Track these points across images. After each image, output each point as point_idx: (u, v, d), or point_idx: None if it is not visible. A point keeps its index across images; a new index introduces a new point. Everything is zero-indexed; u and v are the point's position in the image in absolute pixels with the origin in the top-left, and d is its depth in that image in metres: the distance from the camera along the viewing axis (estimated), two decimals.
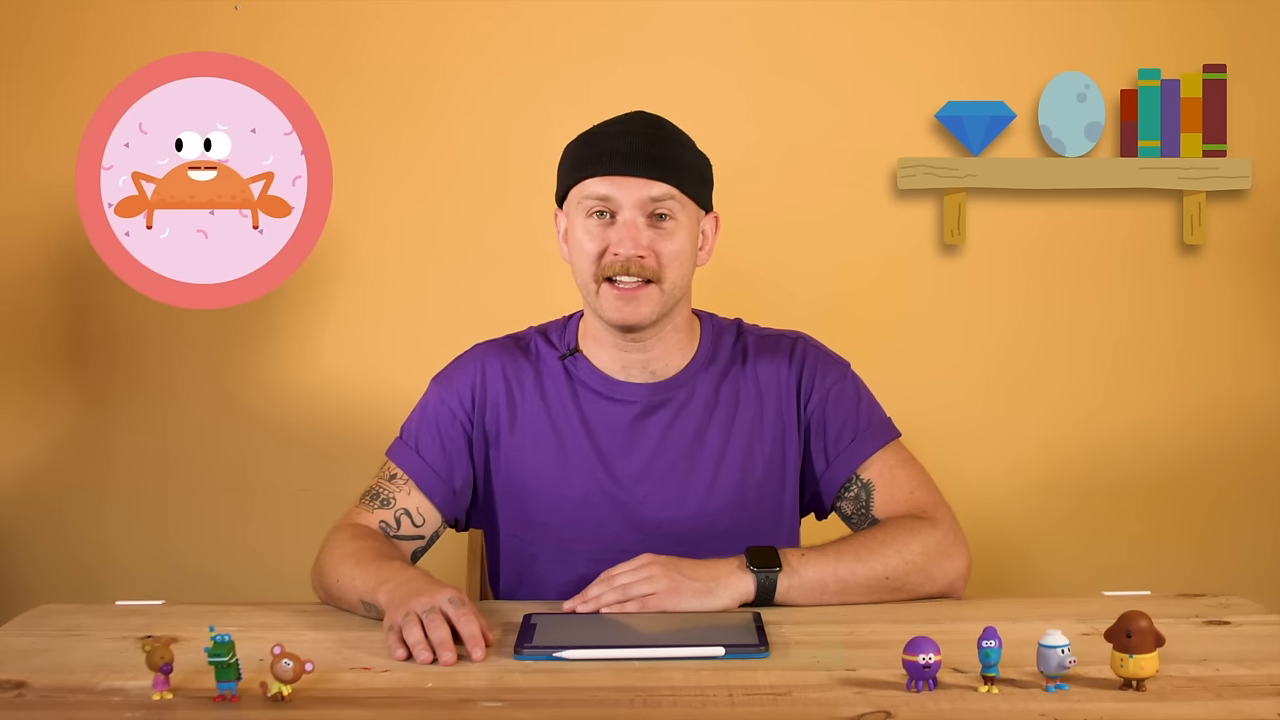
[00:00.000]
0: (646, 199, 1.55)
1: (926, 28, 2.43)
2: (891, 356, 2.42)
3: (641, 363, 1.64)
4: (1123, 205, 2.43)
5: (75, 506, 2.49)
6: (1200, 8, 2.42)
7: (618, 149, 1.56)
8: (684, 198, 1.58)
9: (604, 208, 1.56)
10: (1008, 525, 2.47)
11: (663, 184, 1.56)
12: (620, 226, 1.56)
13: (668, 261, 1.57)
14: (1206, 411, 2.47)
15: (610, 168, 1.56)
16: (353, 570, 1.48)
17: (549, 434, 1.64)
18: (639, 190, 1.55)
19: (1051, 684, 1.16)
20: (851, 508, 1.65)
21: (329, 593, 1.52)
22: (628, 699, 1.17)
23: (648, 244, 1.55)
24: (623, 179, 1.55)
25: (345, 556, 1.51)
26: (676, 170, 1.57)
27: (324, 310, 2.46)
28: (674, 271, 1.58)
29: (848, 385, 1.68)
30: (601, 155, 1.57)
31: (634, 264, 1.55)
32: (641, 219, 1.56)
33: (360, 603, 1.45)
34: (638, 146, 1.56)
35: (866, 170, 2.44)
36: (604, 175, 1.56)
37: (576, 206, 1.59)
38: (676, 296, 1.60)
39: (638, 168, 1.55)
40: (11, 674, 1.27)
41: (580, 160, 1.59)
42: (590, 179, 1.57)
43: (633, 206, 1.55)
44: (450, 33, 2.43)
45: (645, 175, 1.55)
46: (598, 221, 1.57)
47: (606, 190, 1.56)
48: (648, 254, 1.55)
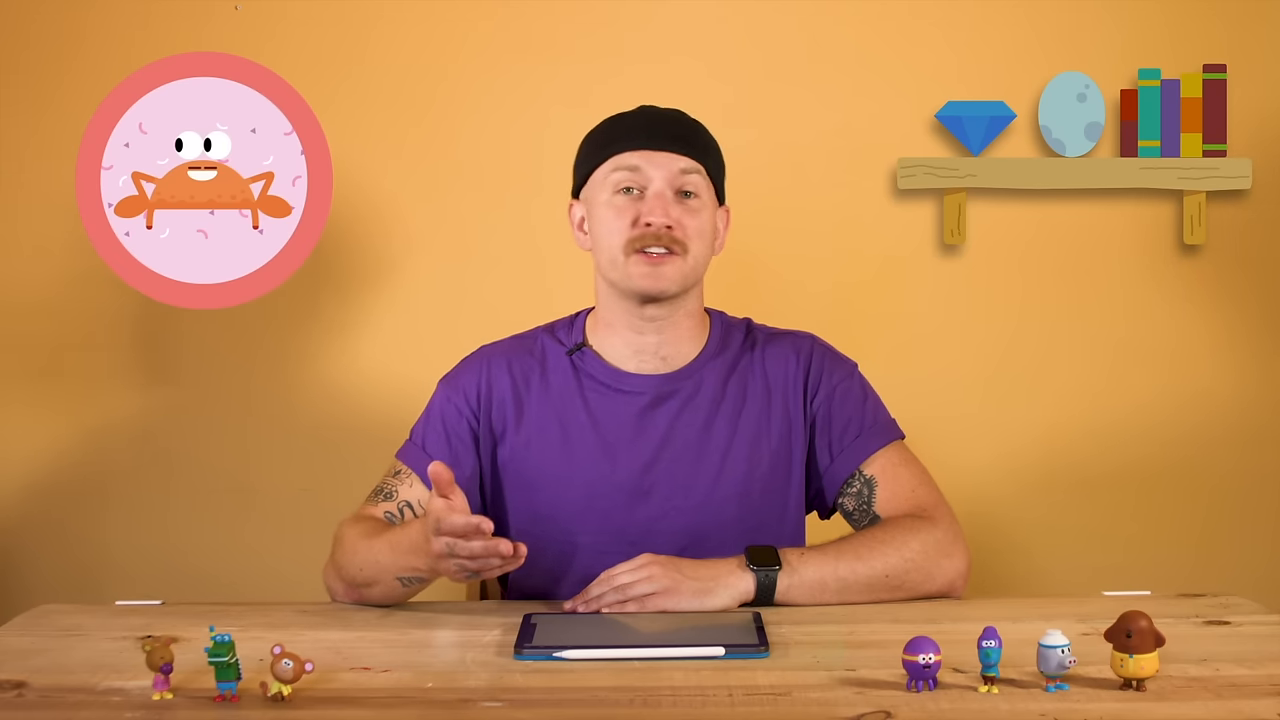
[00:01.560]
0: (676, 172, 1.60)
1: (926, 28, 2.43)
2: (891, 356, 2.42)
3: (654, 346, 1.65)
4: (1123, 205, 2.43)
5: (75, 506, 2.49)
6: (1200, 8, 2.42)
7: (646, 125, 1.63)
8: (706, 179, 1.63)
9: (633, 182, 1.60)
10: (1006, 523, 2.47)
11: (690, 159, 1.60)
12: (651, 198, 1.59)
13: (693, 235, 1.60)
14: (1205, 409, 2.47)
15: (639, 142, 1.61)
16: (369, 544, 1.51)
17: (555, 428, 1.65)
18: (668, 164, 1.60)
19: (1051, 684, 1.16)
20: (854, 504, 1.65)
21: (351, 578, 1.53)
22: (628, 699, 1.17)
23: (677, 217, 1.59)
24: (652, 153, 1.60)
25: (357, 537, 1.54)
26: (702, 148, 1.63)
27: (324, 310, 2.46)
28: (698, 246, 1.61)
29: (854, 383, 1.70)
30: (629, 131, 1.62)
31: (665, 235, 1.58)
32: (670, 192, 1.60)
33: (390, 557, 1.47)
34: (664, 123, 1.63)
35: (866, 170, 2.44)
36: (633, 149, 1.60)
37: (602, 184, 1.62)
38: (698, 274, 1.64)
39: (665, 142, 1.61)
40: (11, 674, 1.27)
41: (606, 139, 1.64)
42: (619, 154, 1.61)
43: (662, 179, 1.59)
44: (451, 33, 2.43)
45: (673, 150, 1.60)
46: (626, 197, 1.60)
47: (637, 162, 1.60)
48: (676, 225, 1.59)
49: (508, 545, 1.34)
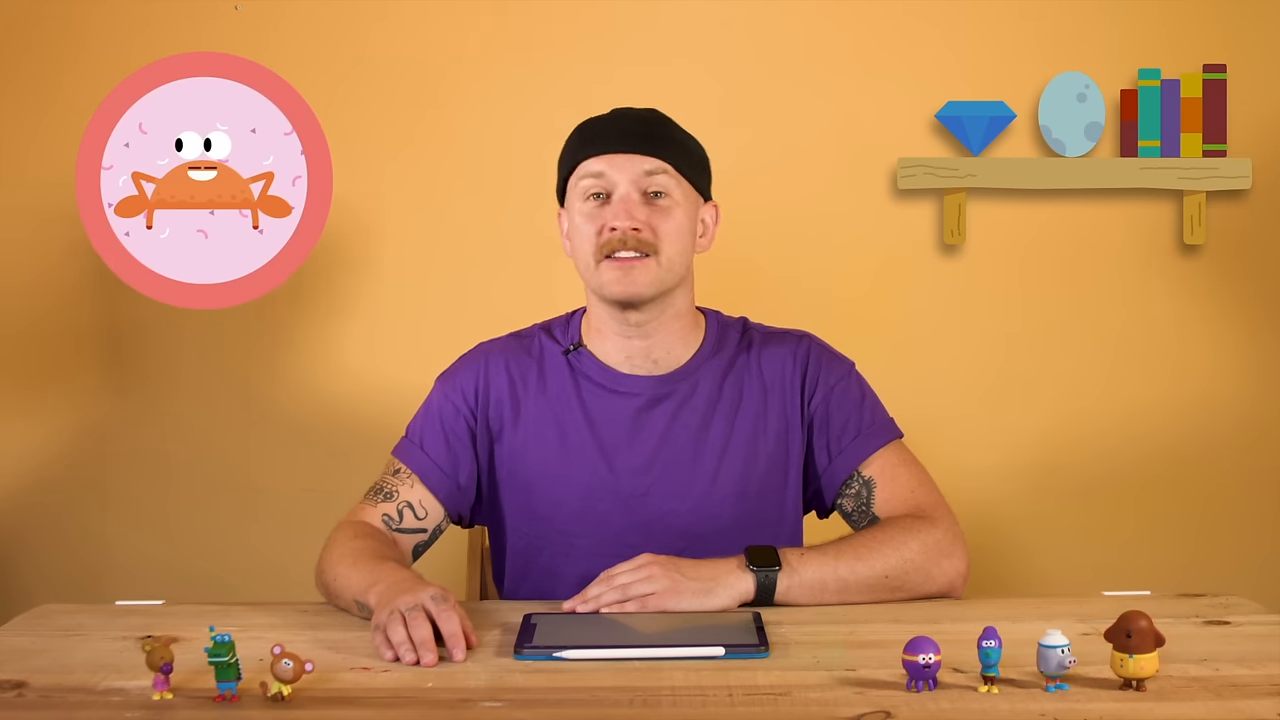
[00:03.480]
0: (640, 174, 1.58)
1: (926, 28, 2.43)
2: (891, 356, 2.42)
3: (644, 350, 1.65)
4: (1123, 205, 2.43)
5: (75, 506, 2.49)
6: (1200, 8, 2.42)
7: (610, 129, 1.62)
8: (678, 176, 1.61)
9: (600, 188, 1.59)
10: (1006, 523, 2.47)
11: (655, 159, 1.59)
12: (616, 203, 1.58)
13: (664, 236, 1.58)
14: (1205, 409, 2.47)
15: (603, 147, 1.60)
16: (349, 570, 1.48)
17: (552, 428, 1.65)
18: (632, 166, 1.58)
19: (1051, 684, 1.16)
20: (852, 505, 1.65)
21: (328, 591, 1.53)
22: (628, 699, 1.17)
23: (644, 219, 1.58)
24: (615, 156, 1.59)
25: (343, 555, 1.52)
26: (668, 147, 1.61)
27: (324, 310, 2.46)
28: (671, 246, 1.59)
29: (852, 383, 1.69)
30: (595, 137, 1.61)
31: (630, 237, 1.57)
32: (636, 194, 1.58)
33: (354, 602, 1.45)
34: (629, 125, 1.62)
35: (866, 170, 2.44)
36: (597, 155, 1.59)
37: (574, 194, 1.62)
38: (675, 274, 1.61)
39: (629, 144, 1.59)
40: (11, 674, 1.27)
41: (576, 146, 1.63)
42: (585, 160, 1.60)
43: (627, 183, 1.58)
44: (451, 33, 2.43)
45: (637, 151, 1.59)
46: (595, 203, 1.60)
47: (600, 167, 1.59)
48: (644, 227, 1.57)
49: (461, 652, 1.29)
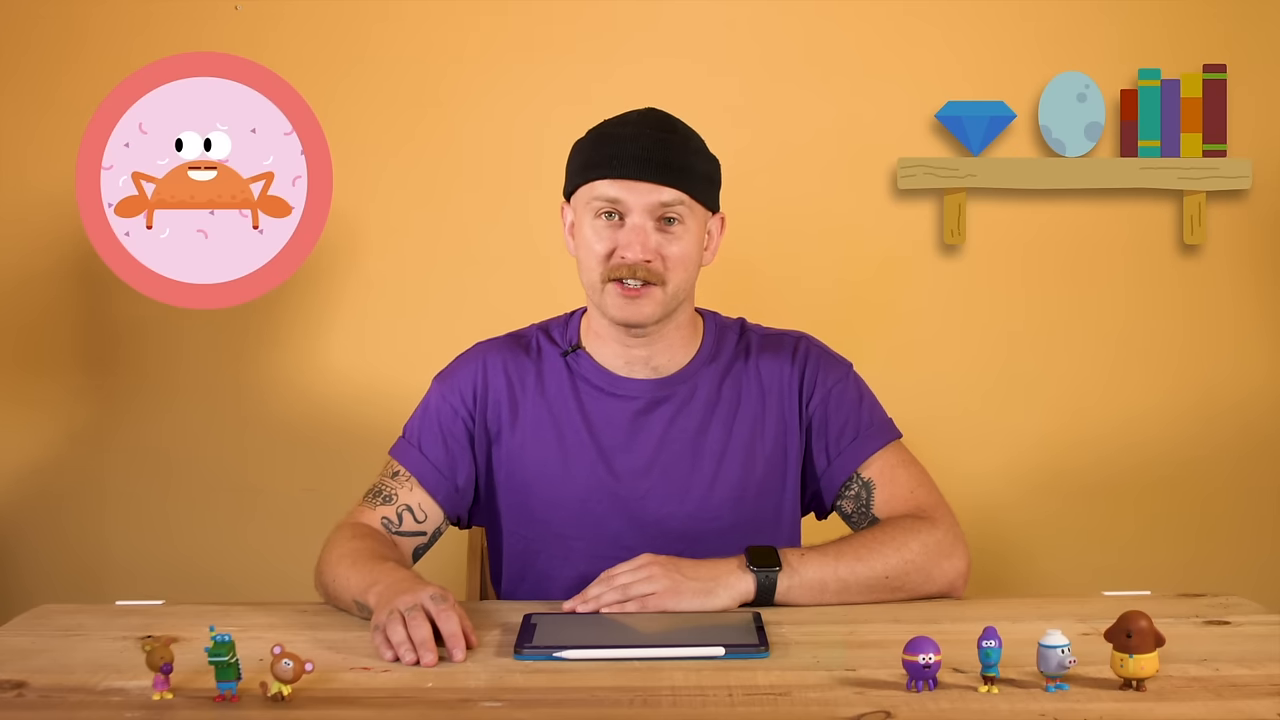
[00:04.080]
0: (656, 204, 1.55)
1: (926, 28, 2.43)
2: (891, 356, 2.42)
3: (644, 358, 1.64)
4: (1123, 205, 2.43)
5: (75, 506, 2.49)
6: (1200, 8, 2.42)
7: (629, 153, 1.55)
8: (693, 202, 1.58)
9: (613, 209, 1.56)
10: (1006, 523, 2.47)
11: (673, 189, 1.55)
12: (629, 230, 1.55)
13: (673, 265, 1.57)
14: (1205, 410, 2.47)
15: (621, 171, 1.55)
16: (348, 570, 1.48)
17: (550, 430, 1.65)
18: (649, 195, 1.55)
19: (1051, 684, 1.16)
20: (852, 506, 1.65)
21: (327, 592, 1.53)
22: (628, 699, 1.17)
23: (655, 247, 1.55)
24: (633, 183, 1.55)
25: (342, 556, 1.51)
26: (687, 176, 1.57)
27: (324, 310, 2.46)
28: (678, 275, 1.58)
29: (849, 385, 1.69)
30: (612, 158, 1.56)
31: (640, 268, 1.55)
32: (650, 223, 1.56)
33: (354, 603, 1.45)
34: (649, 151, 1.55)
35: (866, 170, 2.44)
36: (614, 178, 1.55)
37: (585, 205, 1.59)
38: (680, 298, 1.61)
39: (649, 172, 1.55)
40: (11, 674, 1.27)
41: (590, 161, 1.58)
42: (600, 180, 1.56)
43: (642, 211, 1.55)
44: (451, 32, 2.43)
45: (656, 180, 1.55)
46: (606, 222, 1.57)
47: (616, 193, 1.55)
48: (654, 258, 1.55)
49: (461, 652, 1.29)
